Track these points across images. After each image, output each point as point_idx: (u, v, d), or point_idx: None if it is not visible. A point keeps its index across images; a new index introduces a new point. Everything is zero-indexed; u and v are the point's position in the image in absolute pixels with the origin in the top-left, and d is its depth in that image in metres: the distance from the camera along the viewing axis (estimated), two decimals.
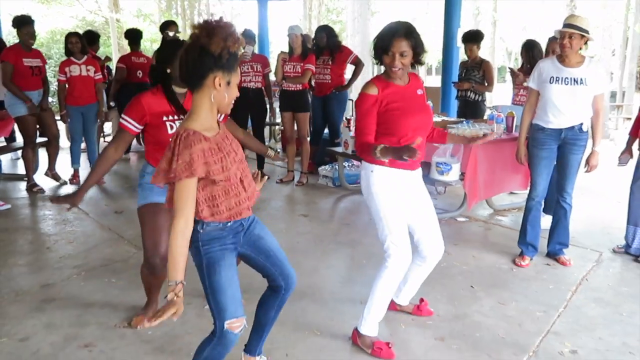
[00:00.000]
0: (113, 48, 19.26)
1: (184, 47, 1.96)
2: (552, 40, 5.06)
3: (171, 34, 6.80)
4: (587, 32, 3.64)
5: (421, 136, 2.74)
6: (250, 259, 2.28)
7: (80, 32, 7.12)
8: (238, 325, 2.07)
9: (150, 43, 20.67)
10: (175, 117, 2.70)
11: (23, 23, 5.76)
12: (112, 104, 7.88)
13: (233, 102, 2.04)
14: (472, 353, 2.83)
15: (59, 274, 3.82)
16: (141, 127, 2.71)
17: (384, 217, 2.73)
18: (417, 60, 2.67)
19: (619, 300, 3.45)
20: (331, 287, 3.62)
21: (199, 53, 1.91)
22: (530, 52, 5.82)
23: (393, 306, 3.20)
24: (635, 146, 4.27)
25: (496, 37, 23.93)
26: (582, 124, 3.82)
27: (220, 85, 1.95)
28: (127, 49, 7.55)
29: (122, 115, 2.71)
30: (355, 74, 6.65)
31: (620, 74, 20.19)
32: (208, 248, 2.05)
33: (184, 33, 13.86)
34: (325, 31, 6.58)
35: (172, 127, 2.69)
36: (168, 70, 2.67)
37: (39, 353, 2.80)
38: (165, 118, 2.69)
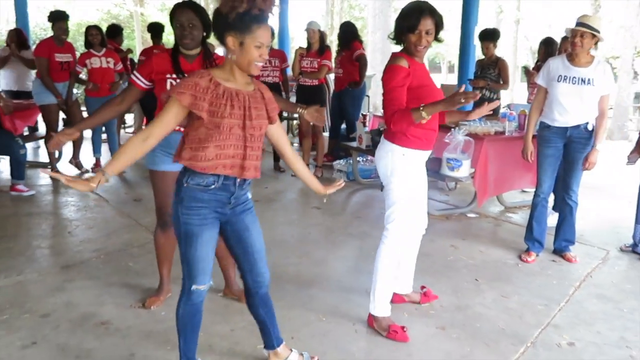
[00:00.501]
0: (137, 41, 19.57)
1: None
2: (565, 39, 5.11)
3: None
4: (598, 31, 3.69)
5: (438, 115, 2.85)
6: (228, 241, 2.35)
7: (105, 25, 7.33)
8: (204, 287, 2.26)
9: (173, 36, 20.93)
10: (176, 76, 2.84)
11: (57, 18, 6.00)
12: None
13: (259, 64, 2.08)
14: (470, 342, 2.92)
15: (79, 257, 3.99)
16: (149, 83, 2.88)
17: (403, 199, 2.84)
18: (436, 37, 2.75)
19: (621, 297, 3.51)
20: (339, 277, 3.74)
21: (214, 15, 2.05)
22: (549, 48, 5.87)
23: (400, 298, 3.28)
24: None
25: (519, 35, 23.74)
26: (587, 123, 3.87)
27: (234, 45, 2.03)
28: (150, 43, 7.72)
29: (134, 72, 2.91)
30: (360, 71, 6.71)
31: None
32: (187, 217, 2.13)
33: None
34: (341, 28, 6.71)
35: (170, 85, 2.83)
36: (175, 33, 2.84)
37: (59, 328, 2.96)
38: (168, 75, 2.83)
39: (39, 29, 18.41)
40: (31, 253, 4.05)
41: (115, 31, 7.64)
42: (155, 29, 7.50)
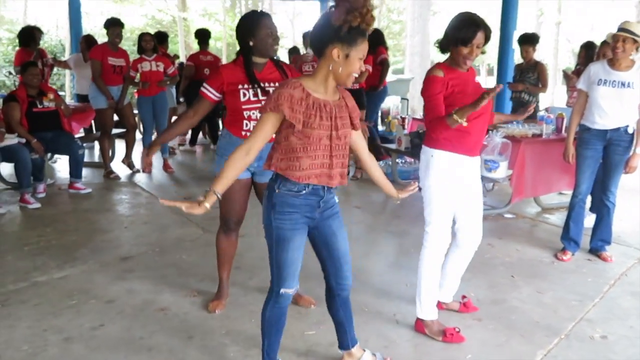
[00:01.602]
0: (180, 45, 20.08)
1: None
2: (603, 44, 5.19)
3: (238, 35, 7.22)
4: (639, 36, 3.80)
5: (483, 121, 2.88)
6: (315, 245, 2.41)
7: (150, 30, 7.74)
8: (292, 291, 2.35)
9: (215, 41, 21.44)
10: (250, 86, 2.88)
11: (112, 24, 6.40)
12: (181, 99, 8.43)
13: (354, 76, 2.15)
14: (506, 332, 3.08)
15: (136, 249, 4.29)
16: (219, 96, 2.93)
17: (434, 202, 2.91)
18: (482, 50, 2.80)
19: None
20: (379, 270, 3.93)
21: (322, 25, 2.09)
22: (590, 52, 5.94)
23: (439, 305, 3.23)
24: None
25: (560, 38, 23.48)
26: (627, 126, 3.97)
27: (338, 57, 2.08)
28: (193, 47, 8.08)
29: (204, 85, 2.94)
30: (380, 76, 6.89)
31: None
32: (280, 222, 2.20)
33: None
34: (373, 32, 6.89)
35: (244, 95, 2.88)
36: (251, 43, 2.86)
37: (123, 313, 3.24)
38: (240, 86, 2.87)
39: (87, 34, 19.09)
40: (93, 245, 4.37)
41: (161, 38, 8.00)
42: (202, 35, 7.81)
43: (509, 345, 2.95)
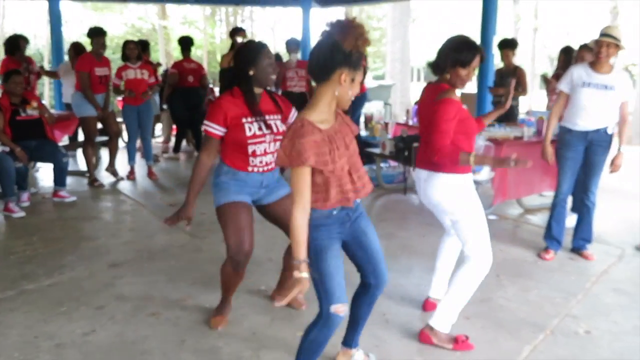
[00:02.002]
0: (160, 53, 20.04)
1: (317, 42, 2.09)
2: (582, 48, 5.32)
3: (240, 39, 7.24)
4: (620, 41, 3.92)
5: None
6: (350, 250, 2.40)
7: (131, 38, 7.76)
8: (343, 309, 2.22)
9: (195, 49, 21.47)
10: (253, 119, 2.83)
11: (96, 34, 6.38)
12: (164, 106, 8.43)
13: (352, 99, 2.16)
14: (494, 330, 3.15)
15: (124, 256, 4.28)
16: (225, 130, 2.82)
17: (476, 223, 2.89)
18: None
19: (636, 291, 3.71)
20: None
21: (330, 48, 2.04)
22: (569, 56, 6.08)
23: (431, 306, 3.32)
24: None
25: (537, 44, 23.85)
26: (607, 127, 4.09)
27: (345, 81, 2.07)
28: (173, 55, 8.11)
29: (206, 122, 2.82)
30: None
31: None
32: (316, 235, 2.17)
33: (228, 40, 14.29)
34: None
35: (250, 129, 2.82)
36: (251, 72, 2.81)
37: (115, 318, 3.25)
38: (244, 120, 2.81)
39: (66, 43, 18.97)
40: (80, 253, 4.36)
41: (143, 45, 7.97)
42: (186, 43, 7.83)
43: (497, 342, 3.02)
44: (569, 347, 2.99)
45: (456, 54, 2.76)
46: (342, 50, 2.02)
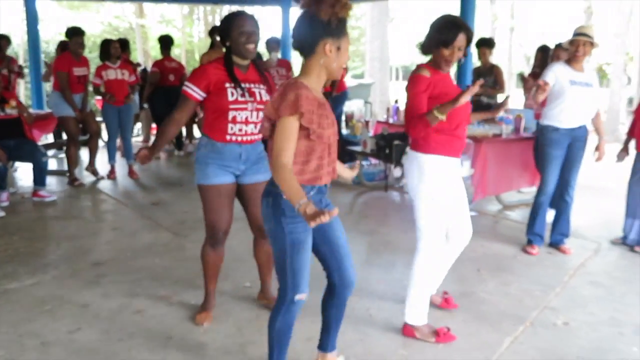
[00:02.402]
0: (138, 53, 19.87)
1: (296, 20, 2.08)
2: (557, 47, 5.43)
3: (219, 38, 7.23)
4: (593, 39, 4.03)
5: (464, 121, 2.93)
6: (315, 245, 2.32)
7: (108, 37, 7.71)
8: (304, 296, 2.29)
9: (173, 48, 21.31)
10: (235, 86, 2.84)
11: (75, 33, 6.31)
12: (145, 105, 8.39)
13: (343, 67, 2.14)
14: (476, 323, 3.22)
15: (107, 255, 4.28)
16: (204, 95, 2.85)
17: (431, 208, 2.88)
18: (464, 53, 2.83)
19: (611, 283, 3.81)
20: None
21: (308, 22, 2.03)
22: (546, 54, 6.19)
23: None
24: (632, 145, 4.62)
25: (514, 43, 24.13)
26: (587, 123, 4.21)
27: (330, 51, 2.05)
28: (151, 54, 8.07)
29: (187, 84, 2.86)
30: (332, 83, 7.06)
31: (638, 80, 20.29)
32: (293, 227, 2.15)
33: (207, 38, 14.20)
34: None
35: (232, 94, 2.82)
36: (227, 44, 2.85)
37: (100, 316, 3.25)
38: (227, 84, 2.82)
39: (43, 42, 18.71)
40: (62, 252, 4.34)
41: (123, 44, 7.89)
42: (166, 41, 7.81)
43: (478, 334, 3.09)
44: (548, 338, 3.07)
45: (438, 34, 2.78)
46: (320, 21, 2.02)
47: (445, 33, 2.75)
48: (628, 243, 4.51)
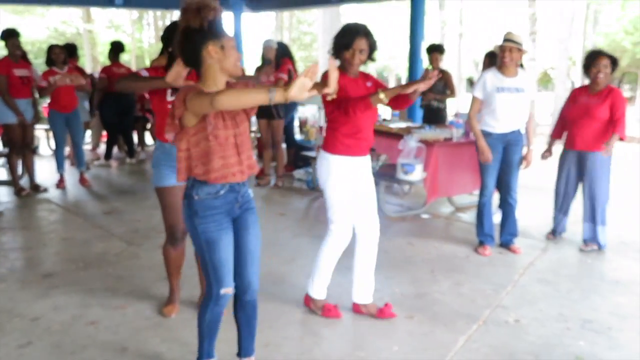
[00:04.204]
0: (87, 58, 19.45)
1: (175, 39, 2.20)
2: (487, 55, 5.65)
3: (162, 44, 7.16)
4: (521, 45, 4.17)
5: (371, 124, 3.22)
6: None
7: (55, 42, 7.50)
8: (230, 290, 2.39)
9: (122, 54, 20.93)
10: (173, 89, 2.92)
11: (9, 35, 6.10)
12: (96, 111, 8.23)
13: (238, 62, 2.23)
14: (430, 323, 3.28)
15: (58, 266, 4.17)
16: (147, 74, 2.97)
17: (337, 202, 3.20)
18: (370, 57, 3.13)
19: (558, 280, 3.96)
20: (307, 272, 4.03)
21: (186, 35, 2.15)
22: (493, 60, 6.37)
23: (357, 309, 3.41)
24: (557, 146, 4.81)
25: (462, 48, 24.69)
26: (520, 127, 4.35)
27: (215, 52, 2.16)
28: (99, 60, 7.92)
29: (139, 70, 3.03)
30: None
31: (580, 84, 21.07)
32: (205, 227, 2.28)
33: (157, 44, 14.04)
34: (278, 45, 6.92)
35: (171, 94, 2.94)
36: (170, 50, 2.93)
37: (51, 329, 3.17)
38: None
39: None
40: (10, 265, 4.21)
41: (71, 50, 7.69)
42: (117, 47, 7.65)
43: (433, 334, 3.15)
44: (500, 335, 3.16)
45: (339, 39, 3.08)
46: (194, 30, 2.13)
47: (345, 37, 3.05)
48: (556, 235, 4.81)
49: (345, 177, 3.17)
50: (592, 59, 4.38)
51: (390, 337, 3.12)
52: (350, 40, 3.03)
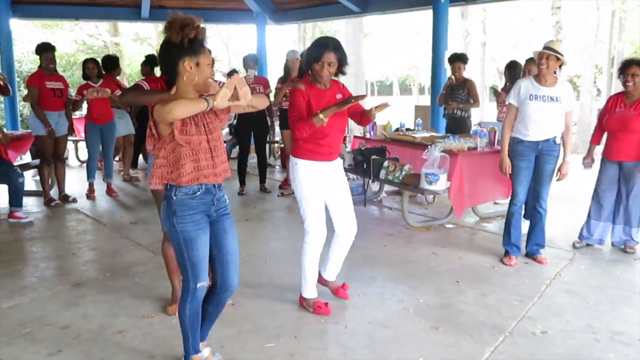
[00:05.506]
0: None
1: (159, 49, 2.43)
2: (528, 61, 5.58)
3: None
4: (561, 55, 4.14)
5: (337, 132, 3.41)
6: (209, 246, 2.62)
7: (86, 56, 7.65)
8: (205, 283, 2.59)
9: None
10: None
11: (45, 49, 6.28)
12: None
13: (209, 80, 2.46)
14: (456, 334, 3.26)
15: (87, 275, 4.25)
16: (147, 86, 3.26)
17: (304, 202, 3.40)
18: (340, 70, 3.31)
19: (586, 291, 3.90)
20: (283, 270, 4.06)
21: (167, 47, 2.36)
22: (513, 71, 6.35)
23: (321, 281, 3.77)
24: (597, 152, 4.78)
25: (486, 57, 24.56)
26: (555, 136, 4.30)
27: (190, 67, 2.36)
28: (126, 72, 8.05)
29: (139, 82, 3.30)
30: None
31: (606, 92, 20.79)
32: (183, 226, 2.46)
33: None
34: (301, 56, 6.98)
35: None
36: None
37: (80, 337, 3.22)
38: None
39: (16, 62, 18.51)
40: (40, 274, 4.29)
41: (113, 62, 7.50)
42: (153, 61, 7.70)
43: (458, 345, 3.14)
44: (527, 347, 3.13)
45: (310, 52, 3.29)
46: (175, 44, 2.32)
47: (315, 51, 3.25)
48: (584, 242, 4.85)
49: (311, 180, 3.37)
50: (623, 68, 4.44)
51: (416, 348, 3.11)
52: (319, 54, 3.22)
